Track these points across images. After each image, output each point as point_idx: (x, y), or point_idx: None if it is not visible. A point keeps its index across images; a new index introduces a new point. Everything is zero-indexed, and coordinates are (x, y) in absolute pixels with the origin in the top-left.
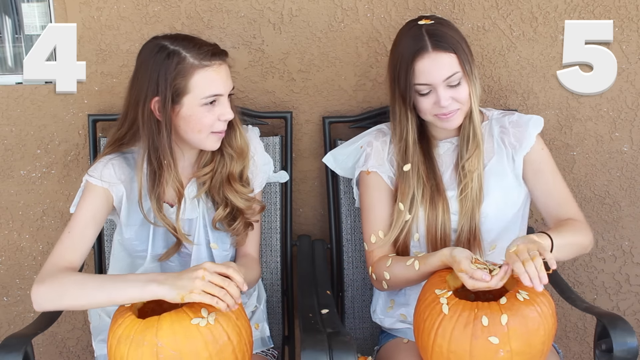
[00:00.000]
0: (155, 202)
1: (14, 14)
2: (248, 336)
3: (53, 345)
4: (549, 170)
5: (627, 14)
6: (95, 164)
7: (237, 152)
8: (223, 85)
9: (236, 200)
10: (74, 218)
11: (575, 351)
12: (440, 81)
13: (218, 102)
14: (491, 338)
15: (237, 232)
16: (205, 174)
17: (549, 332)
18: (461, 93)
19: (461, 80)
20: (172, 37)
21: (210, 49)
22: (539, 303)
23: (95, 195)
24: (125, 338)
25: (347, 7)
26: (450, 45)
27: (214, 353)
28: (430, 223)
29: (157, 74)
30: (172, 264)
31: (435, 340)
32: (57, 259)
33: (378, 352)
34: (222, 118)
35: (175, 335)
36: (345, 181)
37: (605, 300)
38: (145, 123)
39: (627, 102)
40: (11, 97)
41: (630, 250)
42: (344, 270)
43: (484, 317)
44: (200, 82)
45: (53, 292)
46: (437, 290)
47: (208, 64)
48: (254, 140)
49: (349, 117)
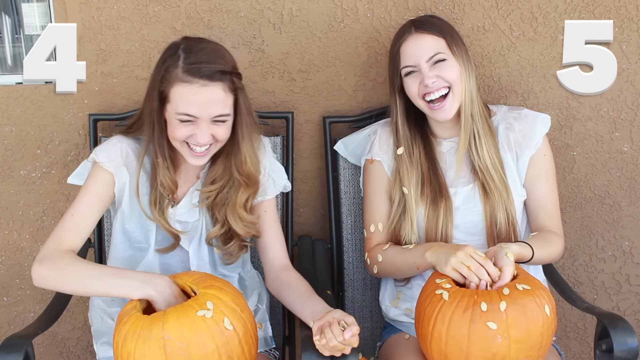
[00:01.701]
0: (152, 194)
1: (14, 14)
2: (253, 329)
3: (53, 346)
4: (547, 180)
5: (627, 14)
6: (104, 143)
7: (245, 178)
8: (199, 109)
9: (236, 225)
10: (77, 201)
11: (575, 351)
12: (424, 61)
13: (194, 122)
14: (489, 323)
15: (230, 252)
16: (210, 191)
17: (548, 325)
18: (447, 71)
19: (448, 60)
20: (194, 41)
21: (202, 66)
22: (539, 295)
23: (101, 179)
24: (132, 334)
25: (347, 7)
26: (434, 28)
27: (220, 344)
28: (430, 224)
29: (158, 69)
30: (173, 257)
31: (434, 326)
32: (58, 241)
33: (380, 349)
34: (191, 141)
35: (181, 328)
36: (345, 181)
37: (606, 300)
38: (147, 113)
39: (627, 102)
40: (11, 97)
41: (630, 250)
42: (345, 270)
43: (483, 303)
44: (177, 96)
45: (53, 276)
46: (437, 280)
47: (189, 80)
48: (265, 152)
49: (349, 117)
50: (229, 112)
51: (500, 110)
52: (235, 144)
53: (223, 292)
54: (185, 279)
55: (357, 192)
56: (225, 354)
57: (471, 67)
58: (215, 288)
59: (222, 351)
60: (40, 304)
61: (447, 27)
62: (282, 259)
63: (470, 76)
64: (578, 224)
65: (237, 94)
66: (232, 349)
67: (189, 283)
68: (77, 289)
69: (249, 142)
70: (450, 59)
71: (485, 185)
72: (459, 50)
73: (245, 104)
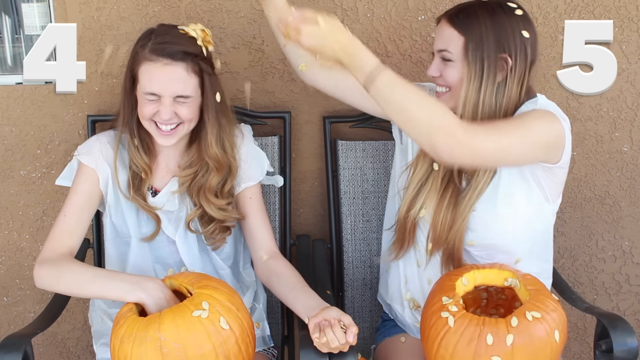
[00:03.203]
0: (128, 174)
1: (14, 14)
2: (250, 328)
3: (53, 345)
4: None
5: (627, 14)
6: (85, 142)
7: (214, 162)
8: (160, 86)
9: (209, 209)
10: (68, 201)
11: (575, 351)
12: (436, 51)
13: (159, 100)
14: (494, 358)
15: (212, 235)
16: (187, 175)
17: (556, 351)
18: (449, 74)
19: (455, 61)
20: (167, 26)
21: (166, 46)
22: (549, 321)
23: (85, 177)
24: (128, 336)
25: (347, 7)
26: (463, 23)
27: (217, 344)
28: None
29: (132, 52)
30: (164, 249)
31: (438, 350)
32: (55, 243)
33: (375, 351)
34: (157, 119)
35: (177, 328)
36: (345, 181)
37: (605, 301)
38: (121, 96)
39: (627, 102)
40: (11, 97)
41: (630, 250)
42: (344, 270)
43: (489, 336)
44: (144, 74)
45: (51, 278)
46: (444, 298)
47: (154, 59)
48: (244, 138)
49: (350, 117)
50: (190, 92)
51: None
52: (202, 126)
53: (218, 292)
54: (180, 280)
55: (357, 192)
56: (222, 353)
57: (489, 81)
58: (210, 288)
59: (219, 351)
60: (40, 304)
61: (487, 26)
62: (270, 246)
63: (476, 90)
64: (578, 224)
65: (203, 76)
66: (229, 349)
67: (184, 284)
68: (74, 290)
69: (216, 125)
70: (458, 62)
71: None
72: (473, 56)
73: (212, 88)
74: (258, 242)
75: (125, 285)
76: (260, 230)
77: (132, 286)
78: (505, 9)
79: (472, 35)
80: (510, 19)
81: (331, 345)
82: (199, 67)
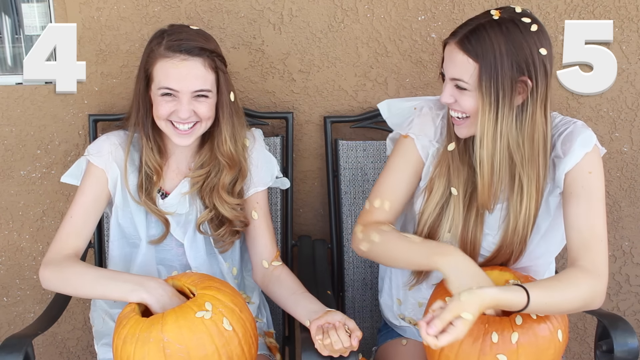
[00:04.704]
0: (138, 177)
1: (14, 14)
2: (253, 329)
3: (53, 346)
4: (588, 198)
5: (627, 14)
6: (95, 140)
7: (227, 159)
8: (179, 82)
9: (222, 209)
10: (76, 202)
11: (575, 351)
12: (449, 77)
13: (176, 98)
14: (500, 356)
15: (222, 238)
16: (199, 175)
17: (559, 351)
18: (465, 102)
19: (469, 90)
20: (179, 26)
21: (182, 42)
22: (552, 320)
23: (94, 178)
24: (131, 337)
25: (347, 7)
26: (476, 48)
27: (220, 345)
28: (465, 227)
29: (145, 52)
30: (169, 252)
31: (442, 349)
32: (61, 244)
33: (376, 353)
34: (174, 119)
35: (180, 330)
36: (345, 181)
37: (606, 301)
38: (135, 97)
39: (627, 102)
40: (11, 97)
41: (630, 250)
42: (345, 270)
43: (494, 334)
44: (159, 72)
45: (56, 279)
46: (448, 299)
47: (170, 55)
48: (255, 142)
49: (350, 117)
50: (209, 87)
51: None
52: (217, 124)
53: (221, 293)
54: (183, 280)
55: (357, 192)
56: (225, 354)
57: (505, 109)
58: (213, 289)
59: (222, 352)
60: (40, 304)
61: (501, 52)
62: (271, 252)
63: (500, 122)
64: None
65: (219, 74)
66: (231, 350)
67: (187, 284)
68: (78, 291)
69: (230, 122)
70: (473, 92)
71: (511, 214)
72: (488, 86)
73: (227, 86)
74: (260, 248)
75: (128, 286)
76: (263, 235)
77: (134, 286)
78: (521, 27)
79: (486, 62)
80: (527, 38)
81: (335, 347)
82: (215, 63)
